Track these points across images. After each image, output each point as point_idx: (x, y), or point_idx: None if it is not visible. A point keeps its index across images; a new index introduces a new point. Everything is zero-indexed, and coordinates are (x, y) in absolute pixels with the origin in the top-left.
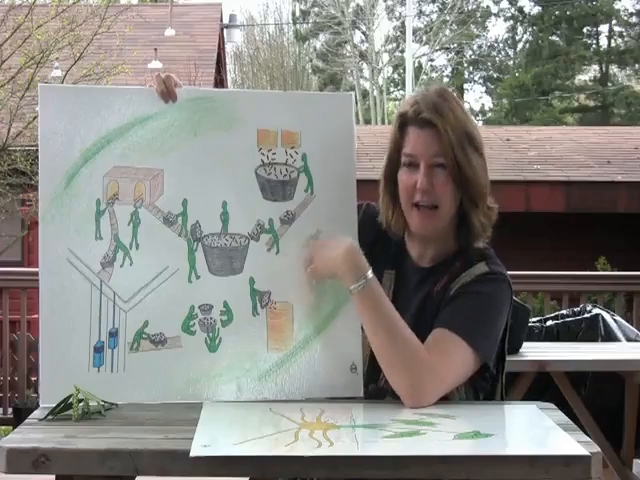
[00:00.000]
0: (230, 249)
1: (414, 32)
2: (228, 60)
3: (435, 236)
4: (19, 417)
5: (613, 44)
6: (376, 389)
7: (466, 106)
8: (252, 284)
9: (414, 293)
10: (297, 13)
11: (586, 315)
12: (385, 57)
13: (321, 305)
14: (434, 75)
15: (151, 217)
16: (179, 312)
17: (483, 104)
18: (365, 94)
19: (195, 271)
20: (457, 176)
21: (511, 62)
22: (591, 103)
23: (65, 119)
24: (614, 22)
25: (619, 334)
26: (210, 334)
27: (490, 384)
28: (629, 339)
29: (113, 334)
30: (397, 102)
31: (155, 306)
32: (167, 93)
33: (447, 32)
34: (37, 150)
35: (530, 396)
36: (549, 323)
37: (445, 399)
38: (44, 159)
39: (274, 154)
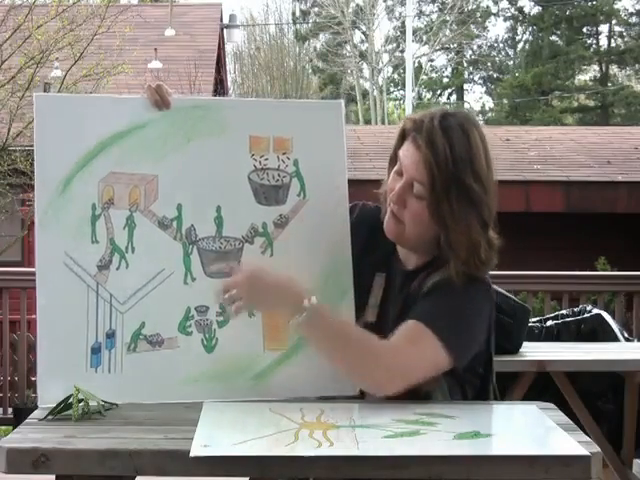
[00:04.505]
0: (225, 252)
1: (414, 32)
2: (228, 60)
3: (411, 248)
4: (19, 417)
5: (613, 44)
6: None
7: (466, 106)
8: None
9: (399, 295)
10: (297, 13)
11: (586, 315)
12: (385, 57)
13: None
14: (434, 75)
15: (146, 221)
16: (175, 313)
17: (483, 104)
18: (365, 94)
19: (190, 273)
20: (435, 216)
21: (511, 62)
22: (591, 103)
23: (61, 127)
24: (614, 22)
25: (619, 334)
26: (207, 335)
27: (480, 383)
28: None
29: (110, 335)
30: (397, 102)
31: (151, 307)
32: (161, 101)
33: (447, 32)
34: None
35: (530, 396)
36: (549, 323)
37: (428, 397)
38: (40, 166)
39: (266, 159)
